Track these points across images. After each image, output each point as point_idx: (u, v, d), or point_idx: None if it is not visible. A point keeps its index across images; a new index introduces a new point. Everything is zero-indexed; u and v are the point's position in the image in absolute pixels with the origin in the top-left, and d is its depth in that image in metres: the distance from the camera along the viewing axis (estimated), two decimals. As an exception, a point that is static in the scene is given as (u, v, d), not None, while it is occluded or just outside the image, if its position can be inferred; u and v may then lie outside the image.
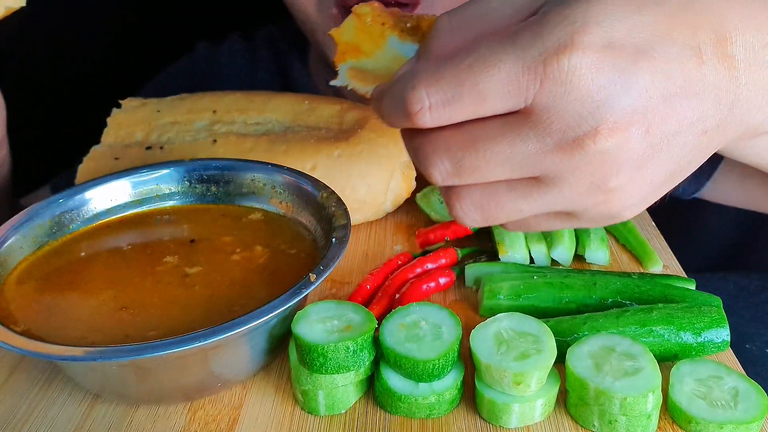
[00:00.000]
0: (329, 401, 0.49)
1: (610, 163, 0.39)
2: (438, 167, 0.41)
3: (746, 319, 0.77)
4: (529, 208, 0.42)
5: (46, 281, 0.56)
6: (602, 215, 0.43)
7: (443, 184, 0.42)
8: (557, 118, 0.38)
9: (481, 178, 0.41)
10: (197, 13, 1.30)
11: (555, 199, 0.41)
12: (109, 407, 0.52)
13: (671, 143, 0.40)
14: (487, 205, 0.42)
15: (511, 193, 0.42)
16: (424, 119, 0.40)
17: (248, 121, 0.73)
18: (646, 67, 0.37)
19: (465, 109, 0.39)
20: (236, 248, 0.59)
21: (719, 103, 0.40)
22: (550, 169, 0.40)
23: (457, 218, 0.44)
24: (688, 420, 0.47)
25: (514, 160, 0.40)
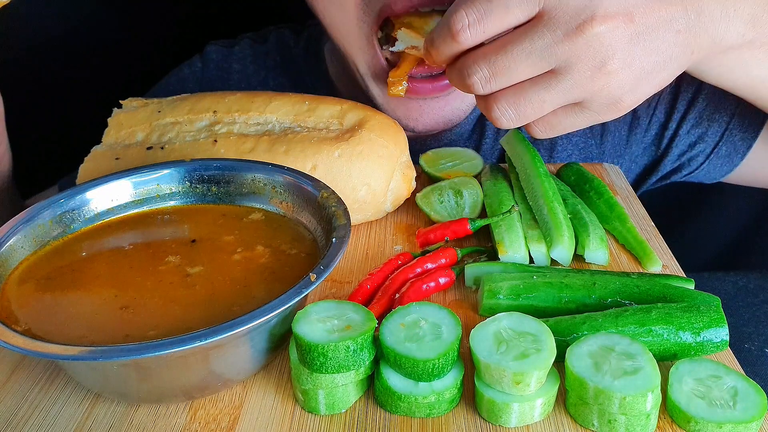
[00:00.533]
0: (329, 400, 0.50)
1: (606, 46, 0.52)
2: (477, 74, 0.55)
3: (745, 319, 0.78)
4: (550, 98, 0.55)
5: (48, 281, 0.56)
6: (607, 101, 0.55)
7: (482, 90, 0.56)
8: (562, 12, 0.52)
9: (511, 77, 0.55)
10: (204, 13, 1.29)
11: (568, 86, 0.54)
12: (110, 406, 0.52)
13: (652, 35, 0.53)
14: (518, 101, 0.56)
15: (535, 86, 0.55)
16: (465, 35, 0.54)
17: (249, 121, 0.73)
18: None
19: (495, 22, 0.54)
20: (237, 248, 0.60)
21: (686, 9, 0.54)
22: (561, 57, 0.53)
23: (495, 119, 0.58)
24: (687, 419, 0.47)
25: (534, 55, 0.53)
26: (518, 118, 0.57)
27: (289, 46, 1.05)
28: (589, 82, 0.54)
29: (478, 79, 0.56)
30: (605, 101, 0.56)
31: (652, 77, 0.56)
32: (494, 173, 0.77)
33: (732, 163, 0.88)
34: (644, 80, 0.56)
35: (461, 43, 0.56)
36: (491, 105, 0.58)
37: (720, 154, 0.88)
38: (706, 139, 0.87)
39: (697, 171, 0.91)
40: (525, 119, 0.57)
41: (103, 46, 1.25)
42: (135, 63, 1.23)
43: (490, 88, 0.56)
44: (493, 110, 0.58)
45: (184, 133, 0.73)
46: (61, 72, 1.23)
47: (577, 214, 0.68)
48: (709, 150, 0.88)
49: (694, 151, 0.89)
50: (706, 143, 0.88)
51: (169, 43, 1.24)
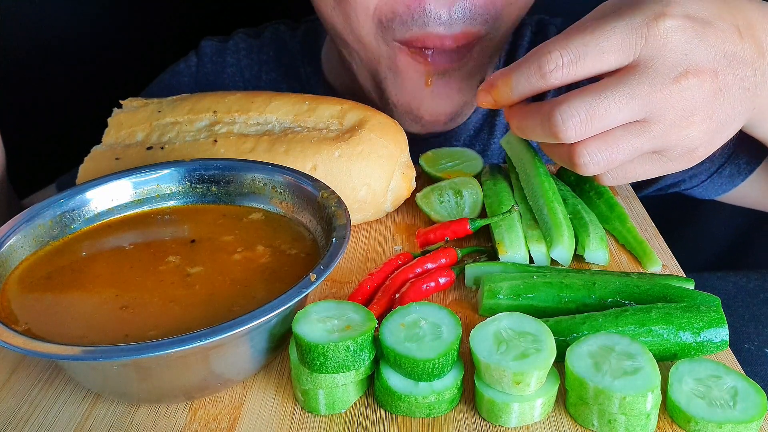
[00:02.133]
0: (329, 400, 0.50)
1: (695, 98, 0.54)
2: (574, 118, 0.55)
3: (745, 319, 0.78)
4: (639, 145, 0.56)
5: (48, 281, 0.56)
6: (685, 150, 0.58)
7: (574, 134, 0.56)
8: (660, 63, 0.54)
9: (607, 121, 0.55)
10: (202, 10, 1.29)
11: (657, 134, 0.56)
12: (110, 406, 0.52)
13: (729, 91, 0.56)
14: (610, 147, 0.56)
15: (627, 133, 0.56)
16: (557, 75, 0.55)
17: (249, 121, 0.73)
18: (712, 33, 0.54)
19: (588, 65, 0.55)
20: (237, 248, 0.60)
21: (755, 70, 0.57)
22: (658, 105, 0.54)
23: (583, 165, 0.58)
24: (687, 419, 0.47)
25: (634, 101, 0.54)
26: (607, 164, 0.57)
27: (284, 41, 1.06)
28: (675, 132, 0.56)
29: (573, 124, 0.55)
30: (683, 150, 0.58)
31: (725, 130, 0.59)
32: (494, 173, 0.77)
33: (732, 183, 0.90)
34: (718, 132, 0.58)
35: (550, 82, 0.56)
36: (580, 151, 0.57)
37: (723, 175, 0.89)
38: (712, 159, 0.89)
39: (697, 187, 0.92)
40: (612, 165, 0.58)
41: (102, 45, 1.25)
42: (135, 63, 1.23)
43: (583, 133, 0.56)
44: (582, 155, 0.57)
45: (184, 133, 0.73)
46: (61, 72, 1.23)
47: (577, 214, 0.68)
48: (714, 169, 0.89)
49: (699, 169, 0.90)
50: (712, 163, 0.89)
51: (169, 42, 1.24)
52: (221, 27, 1.13)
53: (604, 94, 0.54)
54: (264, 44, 1.06)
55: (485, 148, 0.98)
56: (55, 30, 1.22)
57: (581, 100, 0.55)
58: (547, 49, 0.55)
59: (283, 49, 1.06)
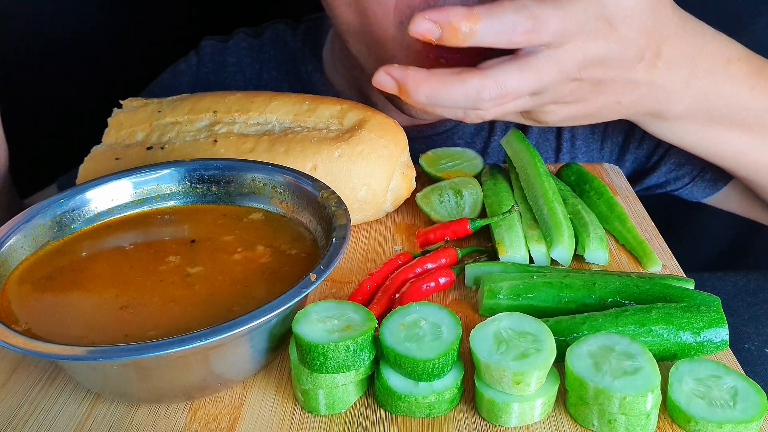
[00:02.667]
0: (329, 400, 0.50)
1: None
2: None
3: (745, 319, 0.78)
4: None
5: (48, 281, 0.56)
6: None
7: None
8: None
9: None
10: (201, 11, 1.29)
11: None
12: (110, 406, 0.52)
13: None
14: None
15: None
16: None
17: (249, 121, 0.73)
18: None
19: None
20: (237, 248, 0.60)
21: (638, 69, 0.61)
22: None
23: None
24: (687, 419, 0.47)
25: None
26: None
27: (285, 40, 1.06)
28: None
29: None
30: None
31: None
32: (494, 173, 0.77)
33: (715, 187, 0.90)
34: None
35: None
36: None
37: (705, 178, 0.91)
38: (694, 162, 0.90)
39: (682, 190, 0.94)
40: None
41: (103, 45, 1.25)
42: (135, 63, 1.23)
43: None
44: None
45: (184, 133, 0.73)
46: (61, 72, 1.23)
47: (577, 214, 0.68)
48: (696, 172, 0.91)
49: (681, 171, 0.92)
50: (694, 165, 0.90)
51: (170, 42, 1.24)
52: (222, 26, 1.13)
53: None
54: (264, 43, 1.06)
55: (485, 148, 0.98)
56: (55, 30, 1.22)
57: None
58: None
59: (284, 48, 1.06)
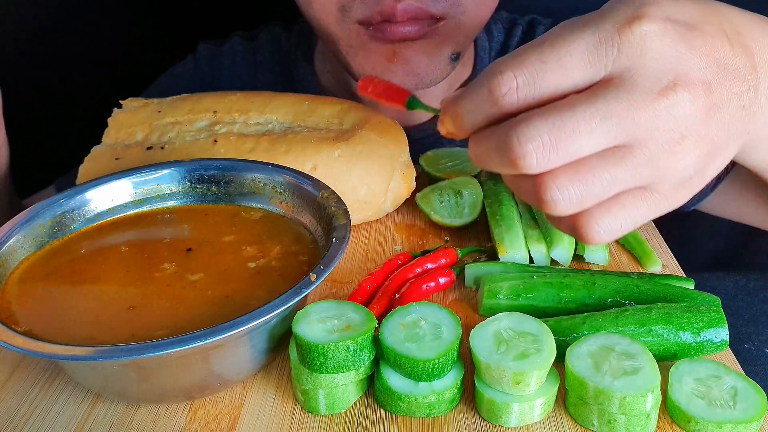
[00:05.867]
0: (329, 400, 0.50)
1: (686, 116, 0.43)
2: (535, 140, 0.42)
3: (745, 319, 0.78)
4: (621, 176, 0.43)
5: (48, 281, 0.56)
6: (677, 180, 0.45)
7: (536, 163, 0.42)
8: (640, 75, 0.42)
9: (578, 146, 0.42)
10: (199, 13, 1.30)
11: (642, 162, 0.43)
12: (110, 407, 0.52)
13: (724, 109, 0.45)
14: (584, 178, 0.43)
15: (602, 162, 0.43)
16: (511, 99, 0.43)
17: (249, 121, 0.73)
18: (698, 37, 0.43)
19: (550, 85, 0.43)
20: (237, 248, 0.60)
21: (749, 83, 0.46)
22: (640, 125, 0.42)
23: (551, 201, 0.44)
24: (687, 419, 0.47)
25: (609, 120, 0.42)
26: (581, 199, 0.44)
27: (280, 42, 1.07)
28: (664, 158, 0.44)
29: (534, 147, 0.42)
30: (675, 182, 0.46)
31: (719, 155, 0.47)
32: (494, 173, 0.77)
33: (703, 193, 0.89)
34: (712, 158, 0.47)
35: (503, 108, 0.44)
36: (546, 183, 0.43)
37: None
38: None
39: None
40: (589, 203, 0.45)
41: (102, 46, 1.25)
42: (134, 64, 1.23)
43: (548, 159, 0.42)
44: (550, 189, 0.43)
45: (184, 133, 0.73)
46: (61, 72, 1.23)
47: (577, 214, 0.68)
48: None
49: None
50: None
51: (168, 43, 1.24)
52: (219, 29, 1.14)
53: (572, 110, 0.42)
54: (259, 46, 1.08)
55: None
56: (55, 30, 1.22)
57: (543, 119, 0.42)
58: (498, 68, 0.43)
59: (278, 51, 1.07)
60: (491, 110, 0.44)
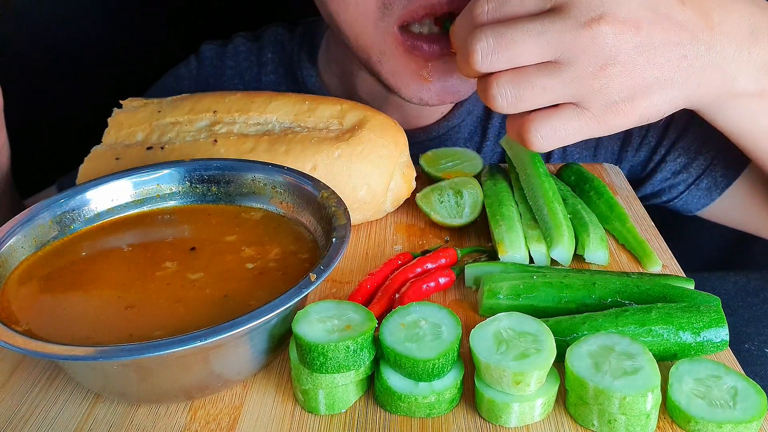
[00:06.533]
0: (329, 400, 0.50)
1: (610, 47, 0.54)
2: (482, 42, 0.56)
3: (745, 319, 0.78)
4: (550, 85, 0.56)
5: (48, 281, 0.56)
6: (605, 103, 0.56)
7: (481, 61, 0.56)
8: (574, 7, 0.54)
9: (514, 53, 0.56)
10: (202, 13, 1.30)
11: (569, 78, 0.55)
12: (110, 406, 0.52)
13: (656, 51, 0.55)
14: (519, 82, 0.56)
15: (537, 71, 0.56)
16: (483, 18, 0.57)
17: (249, 121, 0.73)
18: None
19: (510, 9, 0.56)
20: (237, 248, 0.60)
21: (696, 39, 0.56)
22: (567, 46, 0.54)
23: (492, 98, 0.57)
24: (687, 419, 0.47)
25: (541, 37, 0.54)
26: (516, 101, 0.57)
27: (283, 43, 1.07)
28: (589, 79, 0.55)
29: (480, 48, 0.56)
30: (602, 104, 0.56)
31: (651, 92, 0.57)
32: (494, 173, 0.77)
33: (710, 197, 0.89)
34: (642, 93, 0.56)
35: (475, 21, 0.58)
36: (490, 83, 0.57)
37: (700, 187, 0.90)
38: (690, 170, 0.90)
39: (676, 200, 0.93)
40: (522, 104, 0.57)
41: (103, 46, 1.25)
42: (135, 64, 1.23)
43: (491, 62, 0.56)
44: (492, 88, 0.57)
45: (184, 133, 0.73)
46: (62, 72, 1.23)
47: (577, 214, 0.68)
48: (691, 180, 0.90)
49: (676, 179, 0.91)
50: (689, 173, 0.90)
51: (169, 43, 1.24)
52: (222, 30, 1.14)
53: (515, 26, 0.55)
54: (263, 46, 1.07)
55: (479, 150, 0.99)
56: (55, 31, 1.22)
57: (492, 29, 0.56)
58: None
59: (282, 51, 1.06)
60: (471, 26, 0.58)
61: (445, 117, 0.99)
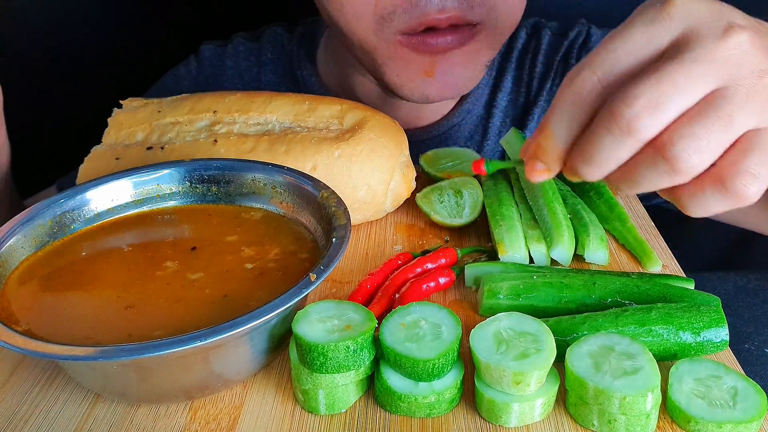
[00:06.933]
0: (329, 400, 0.50)
1: (754, 52, 0.44)
2: (641, 99, 0.43)
3: (745, 319, 0.78)
4: (735, 113, 0.43)
5: (48, 281, 0.56)
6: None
7: (651, 123, 0.43)
8: (699, 28, 0.44)
9: (681, 98, 0.43)
10: (201, 13, 1.30)
11: (743, 98, 0.43)
12: (110, 406, 0.52)
13: None
14: (701, 121, 0.43)
15: (711, 105, 0.43)
16: (595, 90, 0.45)
17: (249, 121, 0.73)
18: (726, 6, 0.46)
19: (623, 66, 0.45)
20: (237, 248, 0.60)
21: None
22: (723, 64, 0.43)
23: (678, 157, 0.43)
24: (687, 419, 0.47)
25: (697, 67, 0.43)
26: (708, 144, 0.43)
27: (282, 43, 1.07)
28: (760, 90, 0.45)
29: (642, 106, 0.43)
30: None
31: None
32: (494, 173, 0.77)
33: None
34: None
35: (587, 101, 0.45)
36: (668, 138, 0.43)
37: None
38: None
39: None
40: (716, 147, 0.44)
41: (103, 46, 1.25)
42: (135, 64, 1.23)
43: (660, 118, 0.43)
44: (674, 144, 0.43)
45: (184, 133, 0.73)
46: (61, 72, 1.23)
47: (577, 214, 0.68)
48: None
49: None
50: None
51: (169, 44, 1.24)
52: (221, 30, 1.14)
53: (662, 70, 0.43)
54: (262, 46, 1.08)
55: (479, 150, 0.99)
56: (55, 31, 1.22)
57: (640, 84, 0.43)
58: (573, 74, 0.46)
59: (281, 51, 1.07)
60: (581, 109, 0.46)
61: (445, 116, 0.99)
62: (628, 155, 0.45)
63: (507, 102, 1.00)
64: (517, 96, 1.00)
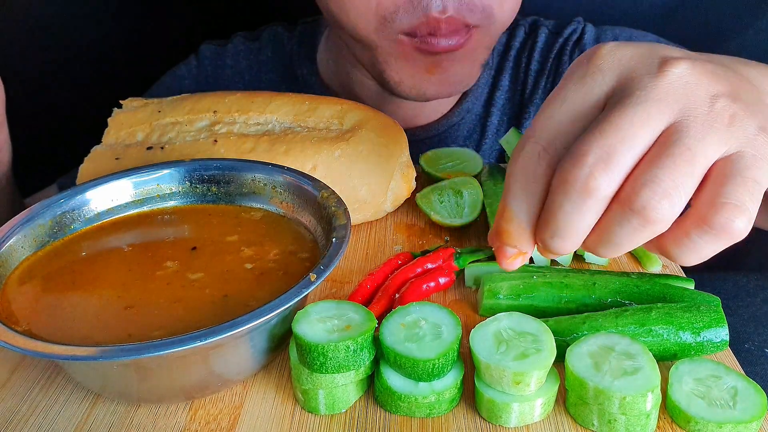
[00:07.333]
0: (329, 400, 0.50)
1: (697, 76, 0.42)
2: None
3: (745, 319, 0.78)
4: (690, 142, 0.40)
5: (48, 281, 0.56)
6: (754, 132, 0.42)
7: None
8: (633, 71, 0.43)
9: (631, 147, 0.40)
10: (201, 13, 1.30)
11: (699, 129, 0.40)
12: (110, 406, 0.52)
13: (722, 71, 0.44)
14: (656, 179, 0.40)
15: (664, 155, 0.40)
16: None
17: (249, 121, 0.73)
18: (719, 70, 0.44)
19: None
20: (237, 248, 0.60)
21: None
22: (669, 103, 0.41)
23: (652, 209, 0.40)
24: (687, 419, 0.47)
25: (642, 116, 0.41)
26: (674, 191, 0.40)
27: (282, 42, 1.07)
28: (717, 118, 0.41)
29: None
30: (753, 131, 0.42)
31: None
32: (494, 173, 0.77)
33: None
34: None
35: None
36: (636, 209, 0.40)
37: None
38: None
39: None
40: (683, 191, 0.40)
41: (103, 46, 1.25)
42: (135, 64, 1.23)
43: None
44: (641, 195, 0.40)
45: (184, 133, 0.73)
46: (61, 71, 1.23)
47: (577, 214, 0.68)
48: None
49: None
50: None
51: (169, 43, 1.24)
52: (221, 29, 1.14)
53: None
54: (262, 46, 1.08)
55: (477, 150, 0.99)
56: (55, 31, 1.22)
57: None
58: (571, 157, 0.41)
59: (281, 51, 1.07)
60: (534, 183, 0.43)
61: (444, 115, 0.99)
62: (596, 217, 0.42)
63: (504, 100, 1.00)
64: (513, 94, 1.00)
